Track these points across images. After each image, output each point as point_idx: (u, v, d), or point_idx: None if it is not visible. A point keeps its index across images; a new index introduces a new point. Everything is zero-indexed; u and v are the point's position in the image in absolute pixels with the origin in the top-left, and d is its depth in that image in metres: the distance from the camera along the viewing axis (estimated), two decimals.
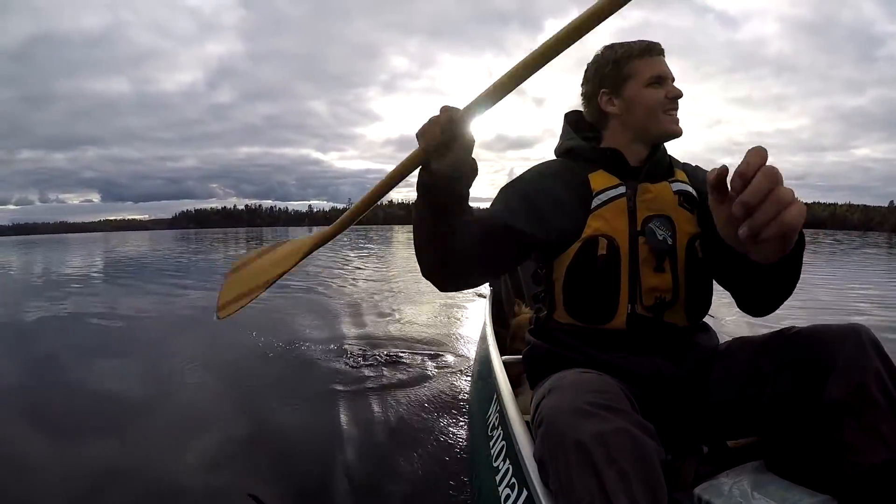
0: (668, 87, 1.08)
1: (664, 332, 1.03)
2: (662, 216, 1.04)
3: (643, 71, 1.08)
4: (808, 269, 0.89)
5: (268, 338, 3.85)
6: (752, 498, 0.89)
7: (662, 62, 1.09)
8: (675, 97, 1.07)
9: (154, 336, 4.33)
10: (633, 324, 1.02)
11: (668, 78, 1.08)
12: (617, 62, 1.10)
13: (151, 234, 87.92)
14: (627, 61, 1.09)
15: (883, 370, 0.82)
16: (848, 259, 11.65)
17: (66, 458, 1.94)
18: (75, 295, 7.16)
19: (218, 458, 1.90)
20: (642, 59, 1.08)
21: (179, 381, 2.94)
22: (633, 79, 1.09)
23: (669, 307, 1.03)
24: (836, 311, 4.98)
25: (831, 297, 5.81)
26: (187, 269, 11.08)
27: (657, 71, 1.07)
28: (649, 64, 1.08)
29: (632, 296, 1.02)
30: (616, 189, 1.05)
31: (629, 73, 1.09)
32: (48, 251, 23.20)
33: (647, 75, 1.07)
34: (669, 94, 1.07)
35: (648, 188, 1.05)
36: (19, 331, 4.70)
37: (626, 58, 1.09)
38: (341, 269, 9.91)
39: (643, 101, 1.08)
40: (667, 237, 1.03)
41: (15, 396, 2.74)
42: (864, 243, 21.15)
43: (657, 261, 1.02)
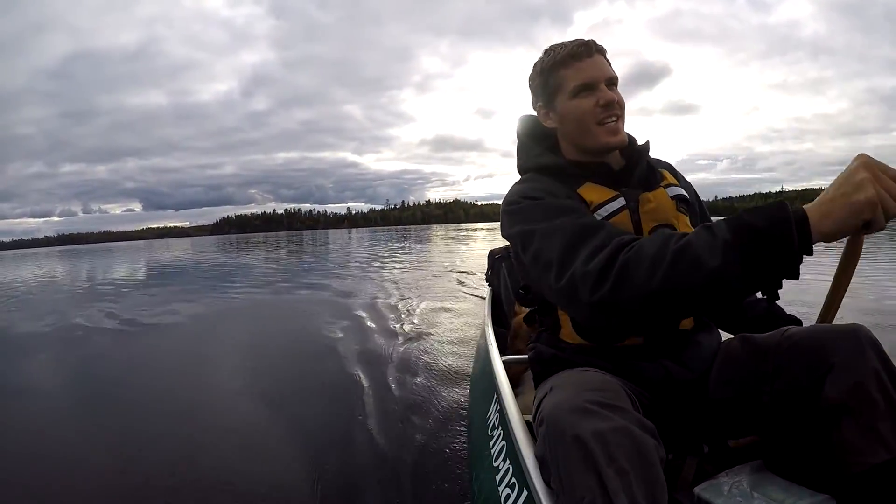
0: (599, 93, 0.99)
1: (677, 338, 1.02)
2: (666, 225, 1.01)
3: (568, 79, 1.01)
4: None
5: (283, 340, 3.99)
6: (752, 497, 0.89)
7: (593, 65, 1.00)
8: (606, 104, 0.99)
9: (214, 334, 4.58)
10: (650, 337, 1.00)
11: (598, 82, 1.00)
12: (544, 73, 1.04)
13: (193, 240, 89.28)
14: (553, 71, 1.03)
15: (881, 370, 0.82)
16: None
17: (106, 451, 2.05)
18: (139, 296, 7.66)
19: (228, 453, 1.93)
20: (568, 67, 1.01)
21: (225, 378, 3.10)
22: (560, 90, 1.02)
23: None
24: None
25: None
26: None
27: (584, 77, 1.00)
28: (576, 70, 1.00)
29: None
30: (616, 202, 1.00)
31: (556, 84, 1.02)
32: (103, 259, 24.02)
33: (572, 84, 1.00)
34: (600, 102, 0.99)
35: (648, 197, 1.01)
36: (87, 335, 4.88)
37: (551, 67, 1.03)
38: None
39: (570, 113, 1.02)
40: None
41: (66, 395, 2.88)
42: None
43: None
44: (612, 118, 1.00)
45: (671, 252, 0.73)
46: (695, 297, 0.73)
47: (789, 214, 0.68)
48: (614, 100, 1.00)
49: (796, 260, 0.68)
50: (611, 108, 1.00)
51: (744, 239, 0.69)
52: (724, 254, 0.70)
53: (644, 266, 0.74)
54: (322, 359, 3.37)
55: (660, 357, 1.00)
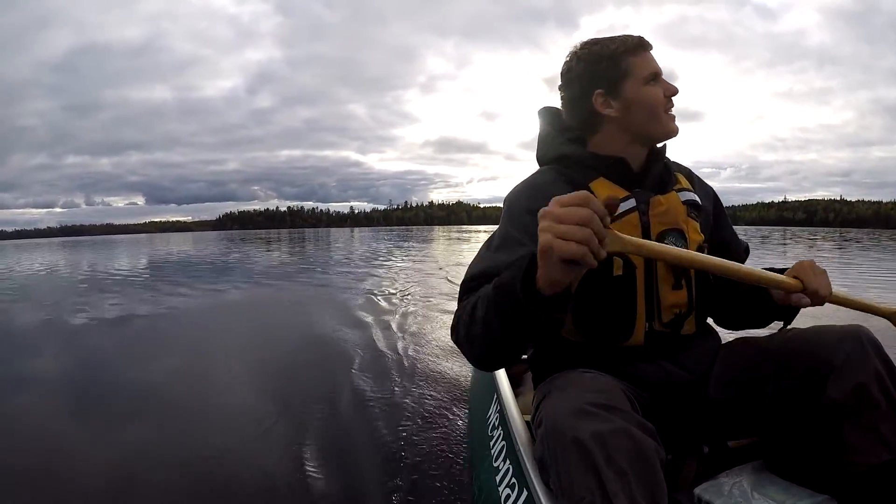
0: (664, 84, 1.02)
1: (679, 342, 1.01)
2: (676, 230, 0.99)
3: (640, 68, 1.00)
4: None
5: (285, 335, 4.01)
6: (752, 498, 0.89)
7: (654, 58, 1.03)
8: (672, 94, 1.02)
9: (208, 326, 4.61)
10: (651, 340, 0.99)
11: (661, 74, 1.02)
12: (611, 58, 1.00)
13: (197, 234, 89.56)
14: (623, 57, 1.00)
15: (883, 371, 0.82)
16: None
17: (108, 443, 2.03)
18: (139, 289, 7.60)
19: (230, 446, 1.93)
20: (638, 55, 1.00)
21: (220, 367, 3.14)
22: (630, 76, 1.00)
23: (686, 318, 1.01)
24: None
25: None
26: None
27: (654, 67, 1.01)
28: (644, 60, 1.01)
29: (649, 314, 0.97)
30: (626, 202, 0.98)
31: (626, 70, 1.00)
32: (106, 250, 24.03)
33: (644, 73, 1.00)
34: (668, 92, 1.01)
35: (660, 200, 0.99)
36: (96, 322, 4.92)
37: (622, 53, 1.00)
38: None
39: (645, 100, 0.99)
40: None
41: (63, 386, 2.87)
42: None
43: (675, 278, 0.98)
44: (672, 108, 1.03)
45: (469, 307, 0.87)
46: (481, 344, 0.85)
47: (520, 271, 0.74)
48: (678, 91, 1.03)
49: (526, 310, 0.73)
50: (672, 100, 1.03)
51: (496, 294, 0.79)
52: (486, 308, 0.81)
53: (462, 321, 0.88)
54: (325, 348, 3.40)
55: (659, 359, 0.99)
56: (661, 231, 0.98)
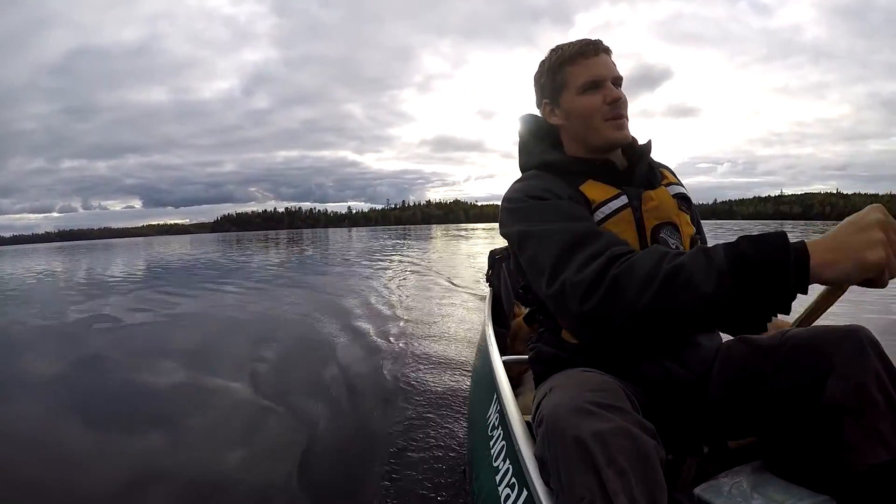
0: (605, 91, 1.01)
1: (679, 341, 1.01)
2: (669, 223, 1.00)
3: (576, 77, 1.02)
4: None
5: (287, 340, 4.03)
6: (752, 498, 0.89)
7: (600, 63, 1.02)
8: (612, 101, 1.00)
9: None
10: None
11: (605, 80, 1.01)
12: (551, 70, 1.05)
13: (195, 237, 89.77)
14: (560, 68, 1.03)
15: (882, 371, 0.82)
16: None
17: (109, 448, 2.05)
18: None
19: (239, 450, 1.93)
20: (575, 64, 1.02)
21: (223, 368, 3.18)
22: (566, 87, 1.03)
23: None
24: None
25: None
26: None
27: (591, 75, 1.01)
28: (583, 68, 1.01)
29: None
30: (618, 199, 0.99)
31: (562, 81, 1.03)
32: (107, 255, 24.12)
33: (579, 81, 1.01)
34: (607, 99, 1.00)
35: (651, 195, 1.01)
36: (89, 326, 5.01)
37: (559, 65, 1.04)
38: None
39: (578, 109, 1.02)
40: (678, 246, 0.99)
41: (64, 390, 2.91)
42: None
43: None
44: (618, 115, 1.01)
45: (664, 272, 0.72)
46: (682, 319, 0.72)
47: (789, 253, 0.66)
48: (620, 97, 1.01)
49: (790, 298, 0.66)
50: (617, 106, 1.01)
51: (739, 270, 0.68)
52: (718, 281, 0.68)
53: (635, 282, 0.74)
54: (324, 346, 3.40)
55: (660, 357, 1.00)
56: (655, 225, 0.99)
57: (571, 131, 1.06)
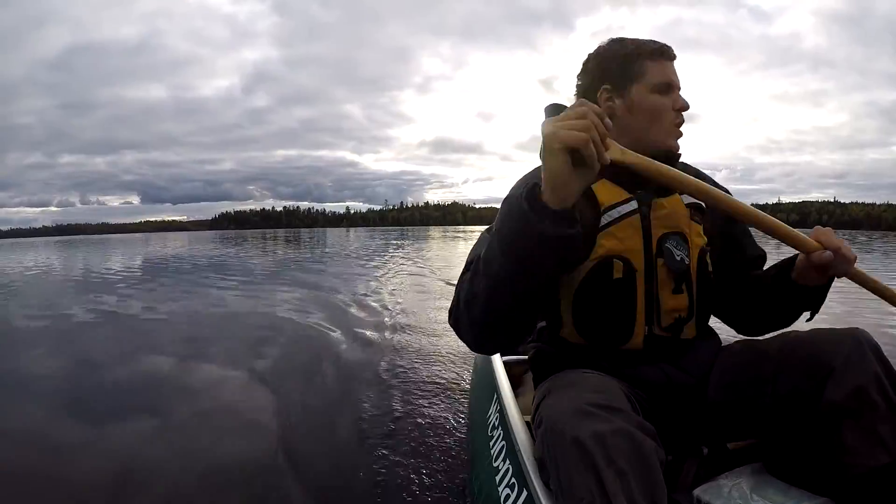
0: (675, 96, 1.00)
1: (678, 347, 1.01)
2: (677, 233, 0.98)
3: (653, 73, 0.98)
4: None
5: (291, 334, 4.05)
6: (752, 500, 0.89)
7: (673, 69, 1.01)
8: (681, 108, 1.00)
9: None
10: (650, 343, 0.99)
11: (676, 87, 1.00)
12: (626, 58, 1.00)
13: (193, 234, 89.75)
14: (637, 59, 0.99)
15: (882, 373, 0.82)
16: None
17: (101, 444, 2.02)
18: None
19: (234, 447, 1.93)
20: (654, 61, 0.99)
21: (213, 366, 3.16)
22: (640, 80, 0.99)
23: (686, 322, 1.00)
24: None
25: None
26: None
27: (668, 77, 0.99)
28: (661, 67, 0.99)
29: (649, 317, 0.97)
30: (628, 204, 0.97)
31: (638, 72, 0.99)
32: (107, 250, 23.90)
33: (656, 79, 0.98)
34: (677, 105, 0.99)
35: (663, 203, 0.98)
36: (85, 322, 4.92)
37: (637, 56, 0.99)
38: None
39: (648, 106, 0.98)
40: (684, 257, 0.98)
41: (57, 386, 2.85)
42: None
43: (675, 283, 0.97)
44: (681, 124, 1.01)
45: (472, 264, 0.84)
46: (488, 299, 0.80)
47: (525, 191, 0.74)
48: (688, 107, 1.01)
49: (533, 222, 0.72)
50: (682, 115, 1.01)
51: (498, 226, 0.78)
52: (488, 248, 0.79)
53: (461, 287, 0.86)
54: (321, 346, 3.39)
55: (660, 362, 1.00)
56: (662, 234, 0.98)
57: (627, 124, 1.00)
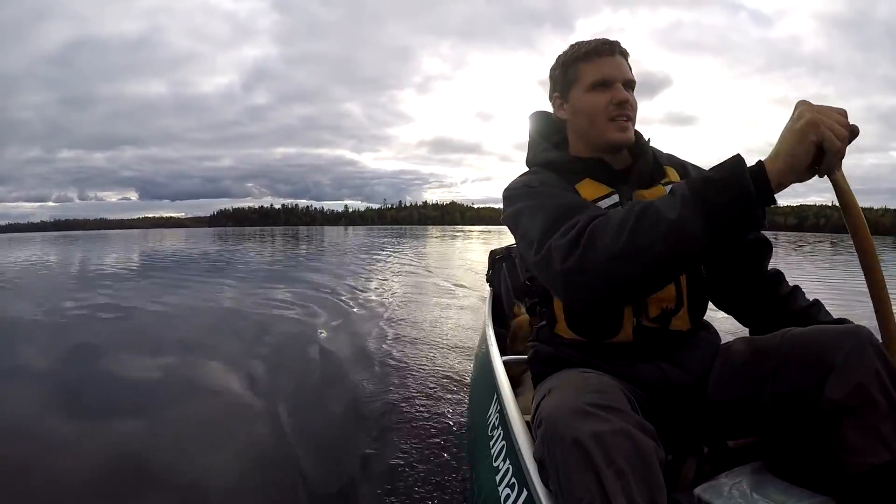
0: (614, 90, 1.01)
1: (670, 339, 1.02)
2: None
3: (587, 74, 1.03)
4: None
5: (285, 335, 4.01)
6: (752, 498, 0.89)
7: (612, 63, 1.02)
8: (619, 102, 1.01)
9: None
10: (640, 335, 1.00)
11: (615, 81, 1.01)
12: (565, 65, 1.06)
13: (191, 231, 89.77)
14: (573, 64, 1.05)
15: (882, 371, 0.81)
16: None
17: (94, 441, 2.02)
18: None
19: (230, 444, 1.93)
20: (588, 62, 1.03)
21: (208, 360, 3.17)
22: (577, 83, 1.04)
23: (674, 314, 1.01)
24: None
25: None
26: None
27: (602, 74, 1.01)
28: (595, 66, 1.02)
29: (636, 309, 0.99)
30: (609, 199, 1.01)
31: (574, 76, 1.05)
32: (106, 246, 23.77)
33: (589, 79, 1.02)
34: (615, 99, 1.01)
35: (643, 195, 1.01)
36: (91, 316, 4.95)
37: (573, 60, 1.05)
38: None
39: (584, 106, 1.03)
40: None
41: (51, 383, 2.84)
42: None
43: None
44: (623, 117, 1.02)
45: (634, 214, 0.77)
46: (658, 254, 0.74)
47: (742, 162, 0.72)
48: (628, 99, 1.01)
49: (754, 205, 0.70)
50: (623, 107, 1.01)
51: (701, 191, 0.73)
52: (683, 207, 0.73)
53: (609, 230, 0.78)
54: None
55: (654, 358, 1.00)
56: None
57: (575, 127, 1.08)
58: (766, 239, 1.15)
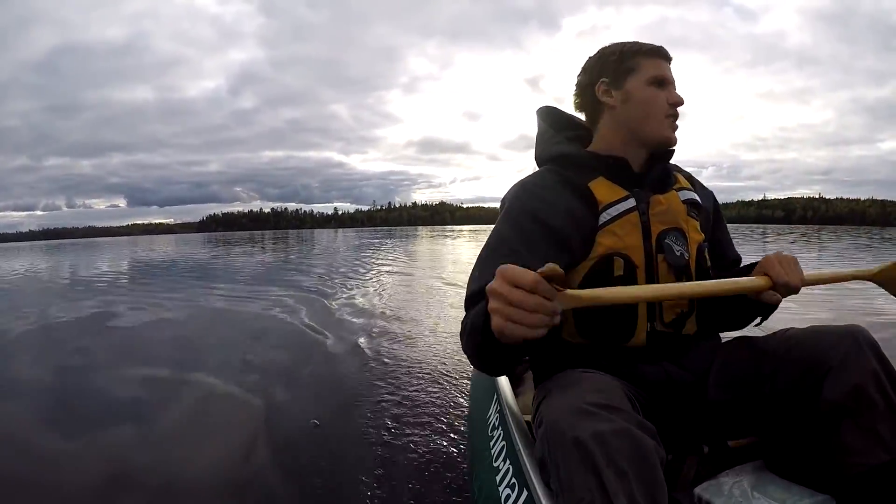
0: (670, 90, 1.03)
1: (681, 343, 1.02)
2: (676, 229, 1.00)
3: (648, 68, 1.03)
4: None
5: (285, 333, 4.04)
6: (752, 497, 0.89)
7: (668, 67, 1.05)
8: (675, 103, 1.03)
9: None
10: (653, 340, 0.99)
11: (671, 83, 1.04)
12: (623, 53, 1.05)
13: (181, 237, 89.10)
14: (634, 55, 1.04)
15: (880, 371, 0.82)
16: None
17: (84, 450, 1.99)
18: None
19: (224, 451, 1.93)
20: (649, 58, 1.04)
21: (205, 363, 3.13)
22: (636, 73, 1.03)
23: (688, 317, 1.01)
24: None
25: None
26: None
27: (662, 72, 1.03)
28: (656, 63, 1.03)
29: (651, 314, 0.98)
30: (626, 202, 0.99)
31: (633, 66, 1.03)
32: (96, 254, 23.41)
33: (651, 73, 1.02)
34: (671, 99, 1.02)
35: (660, 200, 1.00)
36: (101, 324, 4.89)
37: (634, 52, 1.04)
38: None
39: (643, 97, 1.02)
40: (683, 252, 1.00)
41: (41, 392, 2.81)
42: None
43: (676, 277, 0.99)
44: (675, 117, 1.03)
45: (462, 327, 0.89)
46: (479, 360, 0.88)
47: (481, 317, 0.77)
48: (682, 102, 1.03)
49: (494, 354, 0.81)
50: (676, 109, 1.03)
51: (472, 332, 0.84)
52: (471, 337, 0.84)
53: (462, 337, 0.89)
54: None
55: (661, 359, 1.00)
56: (661, 230, 0.99)
57: (623, 116, 1.05)
58: (739, 258, 1.18)
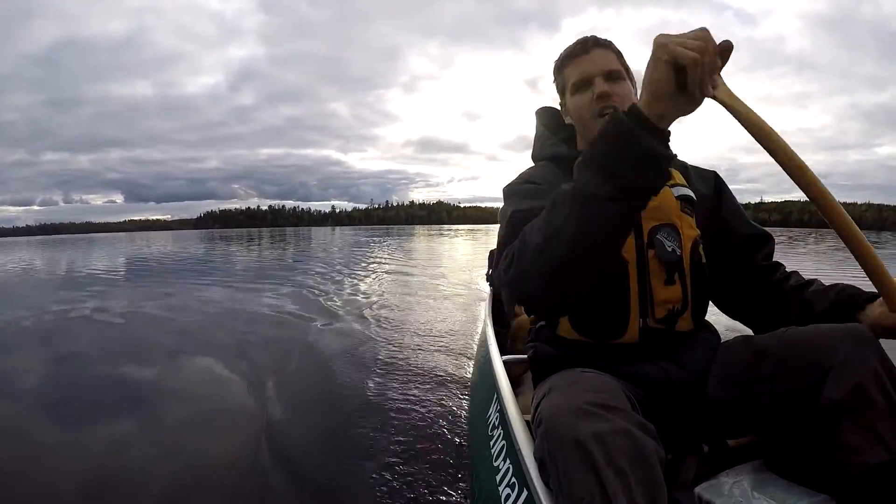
0: (593, 87, 1.01)
1: (674, 340, 1.02)
2: (668, 225, 1.01)
3: (570, 76, 1.05)
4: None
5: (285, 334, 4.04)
6: (752, 497, 0.89)
7: (587, 60, 1.03)
8: (598, 96, 1.00)
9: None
10: (646, 336, 1.00)
11: (592, 76, 1.02)
12: (555, 75, 1.09)
13: (178, 233, 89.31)
14: (560, 72, 1.08)
15: (881, 370, 0.81)
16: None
17: (82, 445, 2.01)
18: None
19: (223, 448, 1.94)
20: (568, 66, 1.05)
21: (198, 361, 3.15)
22: (566, 89, 1.06)
23: (681, 314, 1.02)
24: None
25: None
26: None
27: (579, 74, 1.03)
28: (574, 68, 1.04)
29: (643, 310, 0.99)
30: None
31: (562, 83, 1.08)
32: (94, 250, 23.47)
33: (571, 82, 1.04)
34: (595, 94, 1.01)
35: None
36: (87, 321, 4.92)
37: (560, 65, 1.07)
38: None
39: (574, 108, 1.05)
40: (675, 248, 1.00)
41: (40, 387, 2.83)
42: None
43: (667, 273, 0.99)
44: (609, 108, 1.00)
45: (549, 201, 0.82)
46: (574, 227, 0.77)
47: (618, 113, 0.74)
48: (607, 91, 1.00)
49: (636, 139, 0.71)
50: (605, 100, 1.00)
51: (588, 153, 0.77)
52: (579, 174, 0.77)
53: (536, 225, 0.83)
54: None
55: (657, 358, 1.00)
56: (652, 227, 1.00)
57: (577, 129, 1.11)
58: (764, 233, 1.15)
